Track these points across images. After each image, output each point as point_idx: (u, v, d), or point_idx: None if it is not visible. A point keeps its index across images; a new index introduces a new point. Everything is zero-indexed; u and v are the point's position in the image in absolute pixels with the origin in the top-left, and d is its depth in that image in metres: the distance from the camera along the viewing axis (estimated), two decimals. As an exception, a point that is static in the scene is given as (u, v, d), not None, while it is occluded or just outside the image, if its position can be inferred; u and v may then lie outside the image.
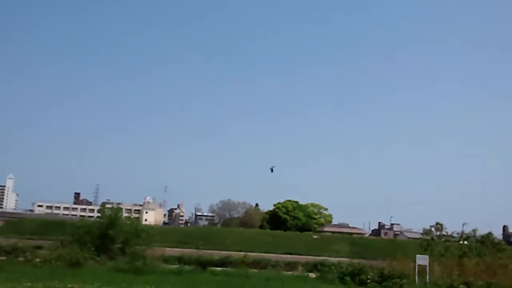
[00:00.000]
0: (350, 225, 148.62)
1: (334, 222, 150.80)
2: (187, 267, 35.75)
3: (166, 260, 47.07)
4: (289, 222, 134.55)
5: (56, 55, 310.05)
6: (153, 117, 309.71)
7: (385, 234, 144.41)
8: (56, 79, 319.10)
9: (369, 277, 28.62)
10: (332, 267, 35.72)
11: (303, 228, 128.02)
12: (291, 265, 49.69)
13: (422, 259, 30.42)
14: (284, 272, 36.44)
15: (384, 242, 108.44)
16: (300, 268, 47.97)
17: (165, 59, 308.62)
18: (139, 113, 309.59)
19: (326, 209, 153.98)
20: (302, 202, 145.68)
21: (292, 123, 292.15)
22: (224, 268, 39.08)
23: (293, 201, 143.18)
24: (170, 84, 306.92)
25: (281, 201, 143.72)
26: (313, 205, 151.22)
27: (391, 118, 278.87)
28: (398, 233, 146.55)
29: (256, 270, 38.14)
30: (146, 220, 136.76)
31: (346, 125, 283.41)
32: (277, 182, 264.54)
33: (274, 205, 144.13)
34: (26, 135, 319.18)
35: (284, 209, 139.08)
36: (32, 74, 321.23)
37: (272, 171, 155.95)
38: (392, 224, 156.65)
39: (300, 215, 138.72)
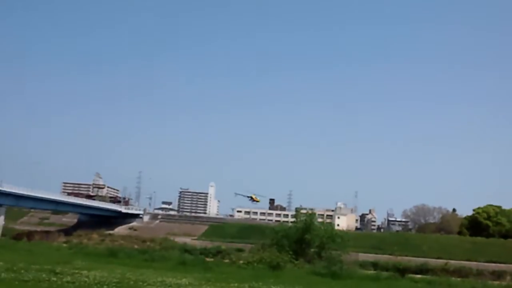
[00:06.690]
0: None
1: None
2: (384, 273, 35.09)
3: (361, 265, 46.91)
4: (491, 228, 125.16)
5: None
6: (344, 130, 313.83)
7: None
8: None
9: None
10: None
11: (507, 235, 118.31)
12: (496, 274, 46.00)
13: None
14: (490, 282, 33.74)
15: None
16: (507, 278, 44.00)
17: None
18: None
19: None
20: (505, 206, 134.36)
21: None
22: (423, 276, 37.64)
23: (495, 206, 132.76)
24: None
25: (481, 205, 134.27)
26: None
27: None
28: None
29: (458, 279, 36.10)
30: (338, 225, 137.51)
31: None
32: (475, 185, 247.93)
33: (473, 210, 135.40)
34: (226, 147, 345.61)
35: (485, 214, 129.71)
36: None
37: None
38: None
39: (504, 220, 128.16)
